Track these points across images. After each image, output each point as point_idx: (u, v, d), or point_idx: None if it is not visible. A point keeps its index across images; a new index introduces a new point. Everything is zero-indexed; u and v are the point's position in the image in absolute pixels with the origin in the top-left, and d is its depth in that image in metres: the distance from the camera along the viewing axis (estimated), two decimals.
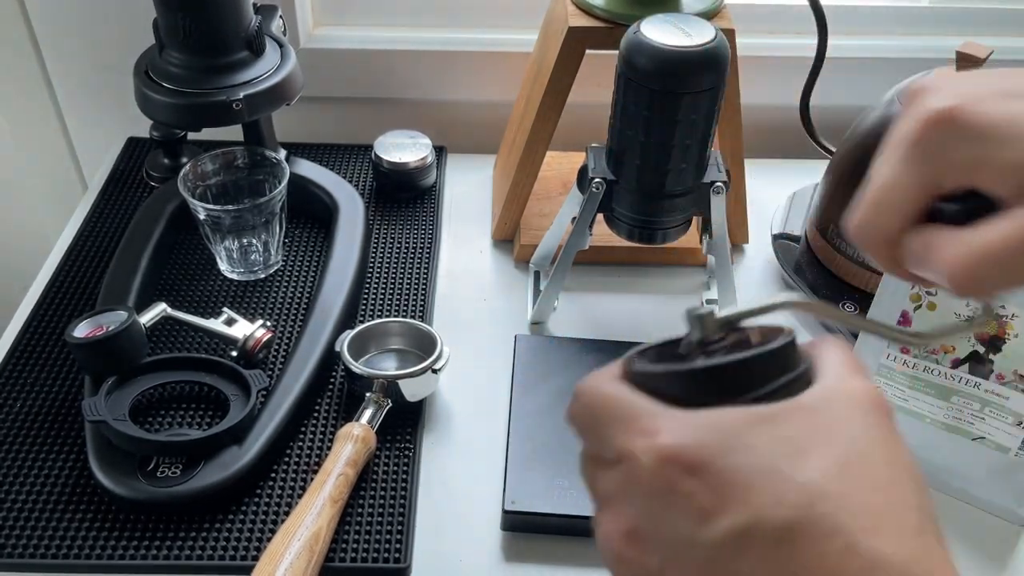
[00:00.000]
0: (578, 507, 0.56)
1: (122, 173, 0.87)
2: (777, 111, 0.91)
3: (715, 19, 0.68)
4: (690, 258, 0.79)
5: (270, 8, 0.77)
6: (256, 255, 0.75)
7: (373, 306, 0.74)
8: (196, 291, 0.74)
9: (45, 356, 0.68)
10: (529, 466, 0.59)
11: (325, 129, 0.97)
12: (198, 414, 0.64)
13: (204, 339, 0.69)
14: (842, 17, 0.91)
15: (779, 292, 0.78)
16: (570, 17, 0.69)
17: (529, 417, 0.62)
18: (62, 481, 0.59)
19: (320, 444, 0.62)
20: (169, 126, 0.81)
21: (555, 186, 0.85)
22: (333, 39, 0.92)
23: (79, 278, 0.74)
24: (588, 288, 0.77)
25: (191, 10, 0.66)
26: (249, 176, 0.75)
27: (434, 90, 0.93)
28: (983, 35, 0.92)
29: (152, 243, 0.73)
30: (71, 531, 0.56)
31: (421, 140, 0.85)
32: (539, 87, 0.74)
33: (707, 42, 0.59)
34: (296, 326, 0.71)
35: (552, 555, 0.57)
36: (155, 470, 0.57)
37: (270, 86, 0.70)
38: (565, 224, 0.72)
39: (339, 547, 0.56)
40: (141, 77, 0.70)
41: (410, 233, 0.81)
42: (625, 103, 0.62)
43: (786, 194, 0.85)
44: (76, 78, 0.93)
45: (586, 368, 0.66)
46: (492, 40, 0.91)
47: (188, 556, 0.55)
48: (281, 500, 0.59)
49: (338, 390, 0.66)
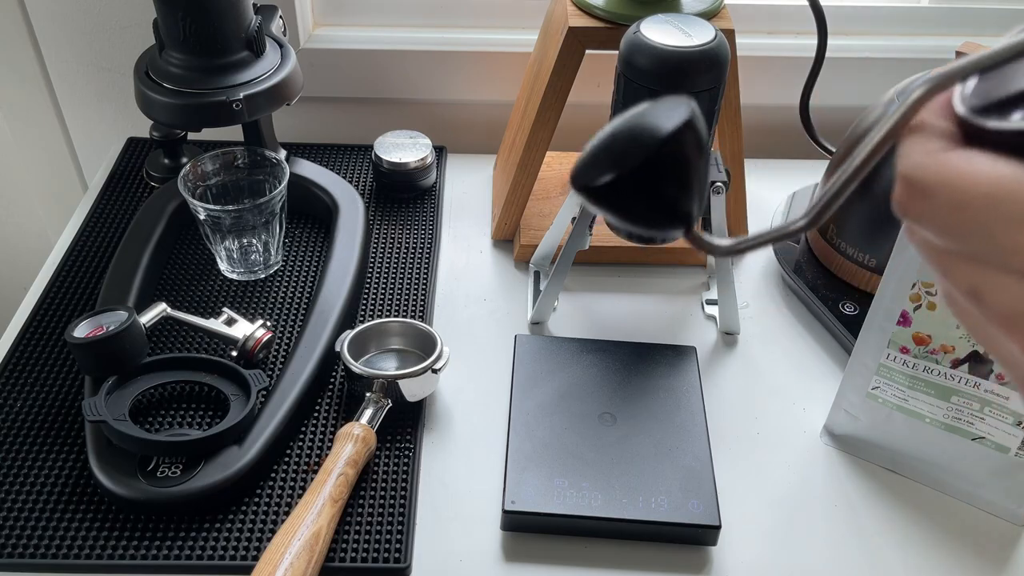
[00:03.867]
0: (578, 507, 0.56)
1: (122, 173, 0.87)
2: (777, 111, 0.91)
3: (715, 19, 0.68)
4: (690, 258, 0.79)
5: (270, 8, 0.77)
6: (256, 255, 0.75)
7: (373, 306, 0.74)
8: (196, 291, 0.74)
9: (45, 356, 0.68)
10: (529, 466, 0.59)
11: (325, 129, 0.97)
12: (198, 414, 0.64)
13: (204, 339, 0.69)
14: (842, 17, 0.91)
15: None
16: (570, 17, 0.69)
17: (529, 417, 0.62)
18: (62, 481, 0.59)
19: (320, 444, 0.62)
20: (169, 126, 0.81)
21: (555, 186, 0.85)
22: (333, 39, 0.92)
23: (79, 278, 0.75)
24: (588, 288, 0.77)
25: (191, 10, 0.66)
26: (249, 176, 0.75)
27: (434, 90, 0.93)
28: (983, 35, 0.93)
29: (152, 243, 0.73)
30: (71, 531, 0.56)
31: (421, 140, 0.85)
32: (539, 87, 0.74)
33: (707, 42, 0.59)
34: (296, 326, 0.71)
35: (552, 555, 0.57)
36: (155, 470, 0.58)
37: (270, 86, 0.70)
38: (565, 224, 0.72)
39: (339, 547, 0.56)
40: (141, 77, 0.70)
41: (410, 233, 0.81)
42: (625, 103, 0.62)
43: (786, 194, 0.85)
44: (76, 78, 0.93)
45: (586, 368, 0.67)
46: (492, 40, 0.91)
47: (188, 556, 0.55)
48: (281, 500, 0.59)
49: (338, 390, 0.66)
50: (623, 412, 0.63)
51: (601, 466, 0.59)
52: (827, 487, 0.62)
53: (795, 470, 0.63)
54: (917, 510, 0.60)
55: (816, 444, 0.65)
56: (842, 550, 0.58)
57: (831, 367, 0.71)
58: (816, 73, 0.77)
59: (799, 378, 0.70)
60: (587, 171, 0.28)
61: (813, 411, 0.67)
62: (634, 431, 0.61)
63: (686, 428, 0.62)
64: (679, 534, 0.57)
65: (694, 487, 0.58)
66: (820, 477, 0.63)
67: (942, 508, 0.61)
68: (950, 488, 0.61)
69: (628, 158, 0.27)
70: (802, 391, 0.69)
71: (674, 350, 0.68)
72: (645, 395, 0.64)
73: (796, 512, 0.60)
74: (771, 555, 0.58)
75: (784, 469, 0.63)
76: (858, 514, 0.60)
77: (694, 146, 0.27)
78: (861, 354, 0.60)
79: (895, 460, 0.62)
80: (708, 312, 0.75)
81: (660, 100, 0.28)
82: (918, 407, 0.59)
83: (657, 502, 0.57)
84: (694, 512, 0.57)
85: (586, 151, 0.28)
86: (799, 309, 0.76)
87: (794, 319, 0.75)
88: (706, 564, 0.57)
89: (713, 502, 0.57)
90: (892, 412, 0.60)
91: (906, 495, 0.61)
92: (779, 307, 0.76)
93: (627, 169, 0.27)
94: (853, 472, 0.63)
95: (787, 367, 0.71)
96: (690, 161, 0.27)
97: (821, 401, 0.67)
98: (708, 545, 0.57)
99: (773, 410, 0.67)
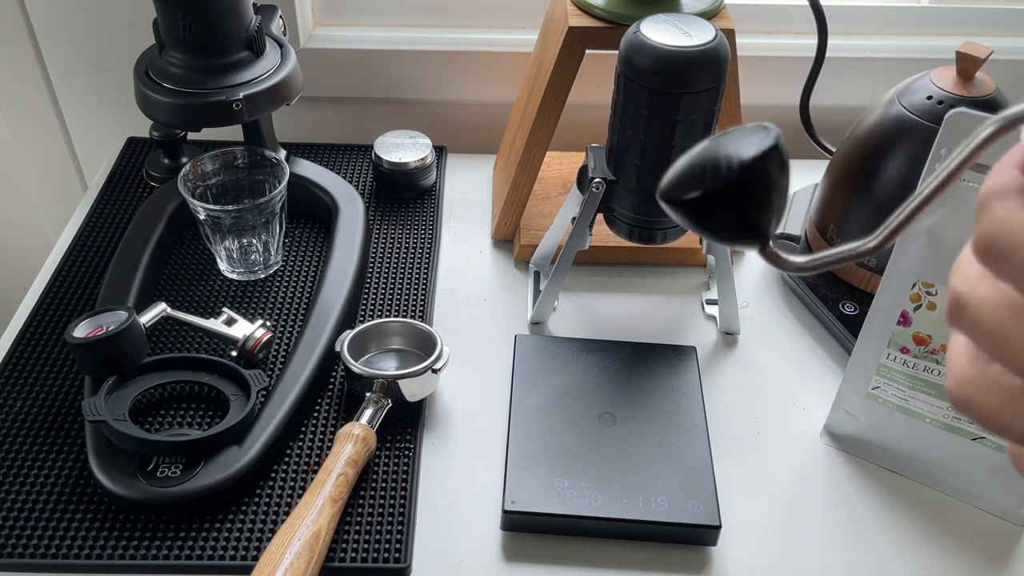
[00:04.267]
0: (578, 507, 0.56)
1: (122, 173, 0.87)
2: (777, 111, 0.91)
3: (715, 19, 0.68)
4: (690, 258, 0.79)
5: (270, 8, 0.77)
6: (256, 255, 0.75)
7: (373, 306, 0.74)
8: (196, 291, 0.74)
9: (45, 356, 0.68)
10: (529, 466, 0.59)
11: (325, 129, 0.97)
12: (198, 414, 0.64)
13: (204, 339, 0.69)
14: (842, 17, 0.91)
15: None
16: (570, 17, 0.69)
17: (529, 417, 0.62)
18: (62, 481, 0.59)
19: (320, 444, 0.62)
20: (169, 126, 0.81)
21: (555, 186, 0.85)
22: (333, 39, 0.92)
23: (79, 278, 0.75)
24: (588, 288, 0.77)
25: (191, 10, 0.66)
26: (249, 176, 0.75)
27: (434, 90, 0.93)
28: (983, 35, 0.93)
29: (152, 243, 0.73)
30: (71, 531, 0.56)
31: (421, 140, 0.85)
32: (539, 87, 0.74)
33: (707, 42, 0.59)
34: (296, 326, 0.71)
35: (552, 555, 0.57)
36: (155, 470, 0.58)
37: (270, 86, 0.70)
38: (565, 224, 0.72)
39: (339, 547, 0.56)
40: (141, 77, 0.70)
41: (410, 233, 0.81)
42: (625, 103, 0.62)
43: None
44: (76, 78, 0.93)
45: (586, 368, 0.67)
46: (492, 40, 0.91)
47: (188, 556, 0.55)
48: (281, 500, 0.59)
49: (338, 390, 0.66)
50: (623, 412, 0.63)
51: (601, 466, 0.59)
52: (827, 487, 0.62)
53: (795, 470, 0.63)
54: (917, 510, 0.60)
55: (816, 444, 0.65)
56: (842, 550, 0.58)
57: (831, 367, 0.71)
58: (816, 73, 0.77)
59: (799, 378, 0.70)
60: (677, 186, 0.30)
61: (813, 411, 0.67)
62: (634, 431, 0.61)
63: (686, 428, 0.62)
64: (679, 534, 0.57)
65: (694, 487, 0.58)
66: (820, 477, 0.63)
67: (942, 508, 0.61)
68: (950, 488, 0.61)
69: (716, 177, 0.29)
70: (802, 391, 0.69)
71: (674, 350, 0.68)
72: (645, 395, 0.64)
73: (796, 512, 0.60)
74: (771, 555, 0.58)
75: (784, 469, 0.63)
76: (858, 514, 0.60)
77: (776, 171, 0.30)
78: (861, 354, 0.60)
79: (895, 460, 0.62)
80: (708, 312, 0.75)
81: (745, 126, 0.31)
82: (918, 407, 0.59)
83: (657, 502, 0.57)
84: (694, 512, 0.57)
85: (677, 166, 0.31)
86: (799, 309, 0.76)
87: (794, 319, 0.75)
88: (706, 564, 0.57)
89: (713, 502, 0.57)
90: (892, 412, 0.60)
91: (906, 495, 0.61)
92: (779, 307, 0.76)
93: (713, 188, 0.29)
94: (853, 472, 0.63)
95: (787, 367, 0.71)
96: (771, 185, 0.30)
97: (821, 401, 0.67)
98: (708, 545, 0.57)
99: (773, 410, 0.67)
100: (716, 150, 0.30)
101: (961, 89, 0.66)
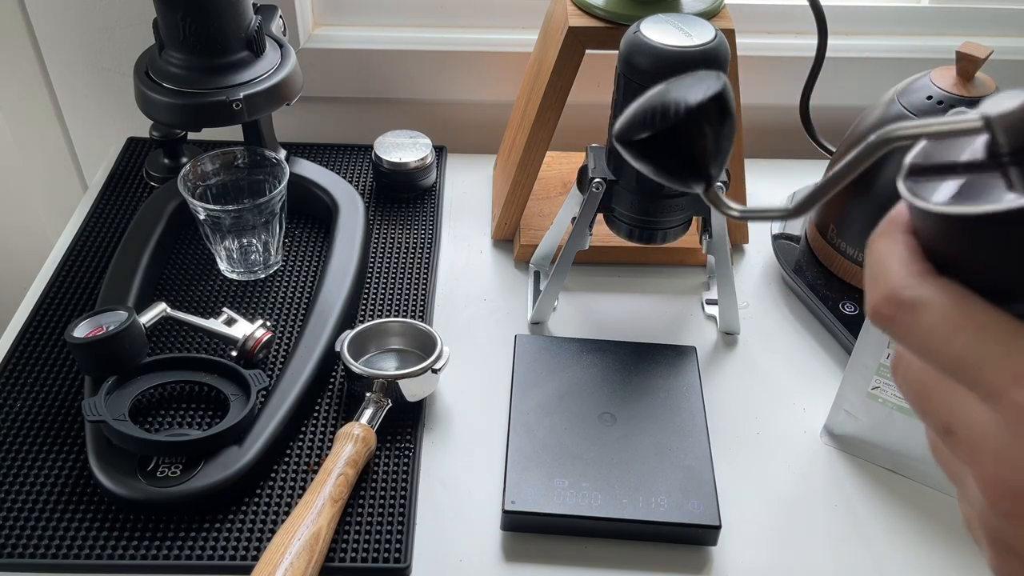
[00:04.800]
0: (578, 507, 0.56)
1: (122, 173, 0.87)
2: (777, 111, 0.91)
3: (715, 19, 0.68)
4: (690, 258, 0.79)
5: (270, 8, 0.77)
6: (256, 255, 0.75)
7: (373, 306, 0.74)
8: (196, 291, 0.74)
9: (45, 356, 0.68)
10: (529, 466, 0.59)
11: (325, 129, 0.97)
12: (198, 414, 0.64)
13: (204, 339, 0.69)
14: (842, 17, 0.91)
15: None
16: (570, 17, 0.69)
17: (529, 417, 0.62)
18: (62, 481, 0.59)
19: (320, 444, 0.62)
20: (169, 126, 0.81)
21: (555, 186, 0.85)
22: (333, 39, 0.92)
23: (79, 278, 0.75)
24: (588, 288, 0.77)
25: (191, 10, 0.66)
26: (249, 176, 0.75)
27: (434, 90, 0.93)
28: (983, 35, 0.93)
29: (152, 243, 0.73)
30: (71, 531, 0.56)
31: (421, 140, 0.85)
32: (539, 87, 0.74)
33: (707, 42, 0.59)
34: (296, 326, 0.71)
35: (552, 555, 0.57)
36: (155, 470, 0.58)
37: (270, 86, 0.70)
38: (565, 224, 0.72)
39: (339, 547, 0.56)
40: (141, 77, 0.70)
41: (410, 233, 0.81)
42: (625, 103, 0.62)
43: (786, 194, 0.85)
44: (76, 78, 0.93)
45: (586, 368, 0.67)
46: (492, 40, 0.91)
47: (188, 556, 0.55)
48: (281, 500, 0.59)
49: (338, 390, 0.66)
50: (623, 412, 0.63)
51: (601, 466, 0.59)
52: (827, 487, 0.62)
53: (795, 470, 0.63)
54: (917, 510, 0.60)
55: (816, 444, 0.65)
56: (842, 550, 0.58)
57: (831, 367, 0.71)
58: (816, 73, 0.77)
59: (799, 378, 0.70)
60: (629, 127, 0.33)
61: (813, 411, 0.67)
62: (634, 431, 0.61)
63: (686, 428, 0.62)
64: (679, 534, 0.57)
65: (694, 487, 0.58)
66: (820, 477, 0.63)
67: (942, 508, 0.61)
68: (950, 488, 0.61)
69: (664, 120, 0.32)
70: (802, 391, 0.69)
71: (674, 350, 0.68)
72: (645, 395, 0.64)
73: (796, 512, 0.60)
74: (771, 555, 0.58)
75: (784, 469, 0.63)
76: (858, 514, 0.60)
77: (720, 117, 0.32)
78: (861, 354, 0.60)
79: (895, 460, 0.62)
80: (708, 312, 0.75)
81: (697, 73, 0.33)
82: None
83: (657, 502, 0.57)
84: (694, 512, 0.57)
85: (631, 109, 0.33)
86: (799, 309, 0.76)
87: (794, 319, 0.75)
88: (706, 564, 0.57)
89: (713, 502, 0.57)
90: (892, 412, 0.60)
91: (906, 495, 0.61)
92: (779, 307, 0.76)
93: (660, 129, 0.32)
94: (853, 472, 0.63)
95: (787, 367, 0.71)
96: (714, 130, 0.32)
97: (821, 401, 0.67)
98: (708, 545, 0.57)
99: (773, 410, 0.67)
100: (666, 95, 0.32)
101: (961, 89, 0.66)
